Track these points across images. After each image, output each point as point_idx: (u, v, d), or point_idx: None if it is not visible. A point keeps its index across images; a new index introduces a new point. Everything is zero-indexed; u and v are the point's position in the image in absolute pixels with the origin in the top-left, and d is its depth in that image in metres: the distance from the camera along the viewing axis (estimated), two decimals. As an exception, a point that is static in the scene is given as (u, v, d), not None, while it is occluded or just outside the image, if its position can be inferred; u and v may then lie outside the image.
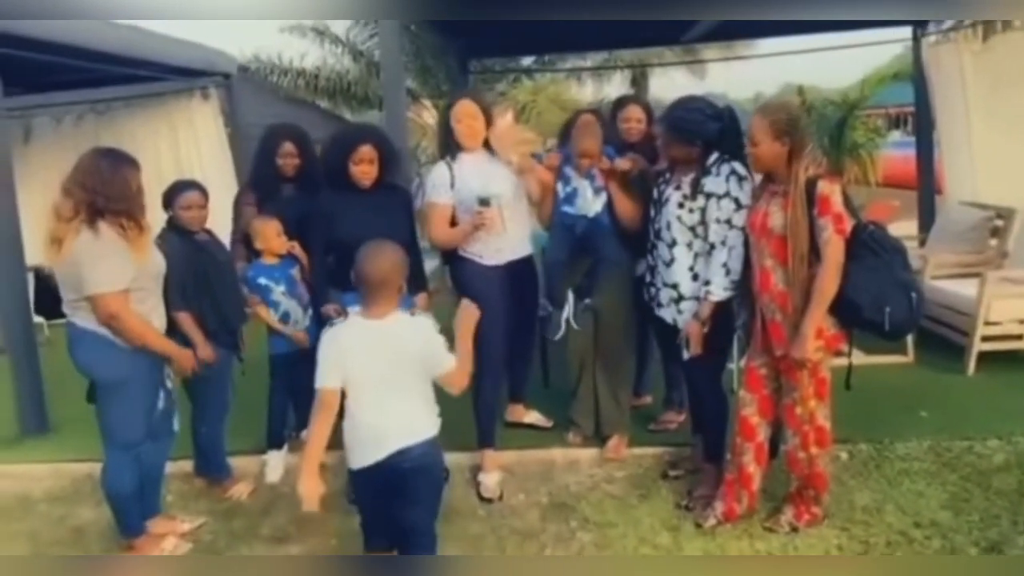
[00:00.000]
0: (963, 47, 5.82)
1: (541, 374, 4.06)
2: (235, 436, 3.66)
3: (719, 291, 2.94)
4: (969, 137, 5.72)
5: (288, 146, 3.61)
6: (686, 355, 3.02)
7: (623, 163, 3.32)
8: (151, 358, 2.90)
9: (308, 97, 12.67)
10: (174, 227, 3.25)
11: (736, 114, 3.03)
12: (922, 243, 5.61)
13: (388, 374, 2.24)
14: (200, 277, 3.20)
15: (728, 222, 2.91)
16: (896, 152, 10.68)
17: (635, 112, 3.78)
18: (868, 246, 2.60)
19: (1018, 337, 4.37)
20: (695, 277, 3.03)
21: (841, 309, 2.63)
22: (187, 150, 6.91)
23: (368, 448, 2.27)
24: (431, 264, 4.38)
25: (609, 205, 3.36)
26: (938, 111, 6.03)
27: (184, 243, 3.20)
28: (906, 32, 6.45)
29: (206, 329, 3.21)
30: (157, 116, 6.92)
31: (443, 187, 3.33)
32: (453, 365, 2.27)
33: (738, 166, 2.94)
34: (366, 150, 3.22)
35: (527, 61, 12.14)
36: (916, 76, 6.41)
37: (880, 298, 2.56)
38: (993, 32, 5.76)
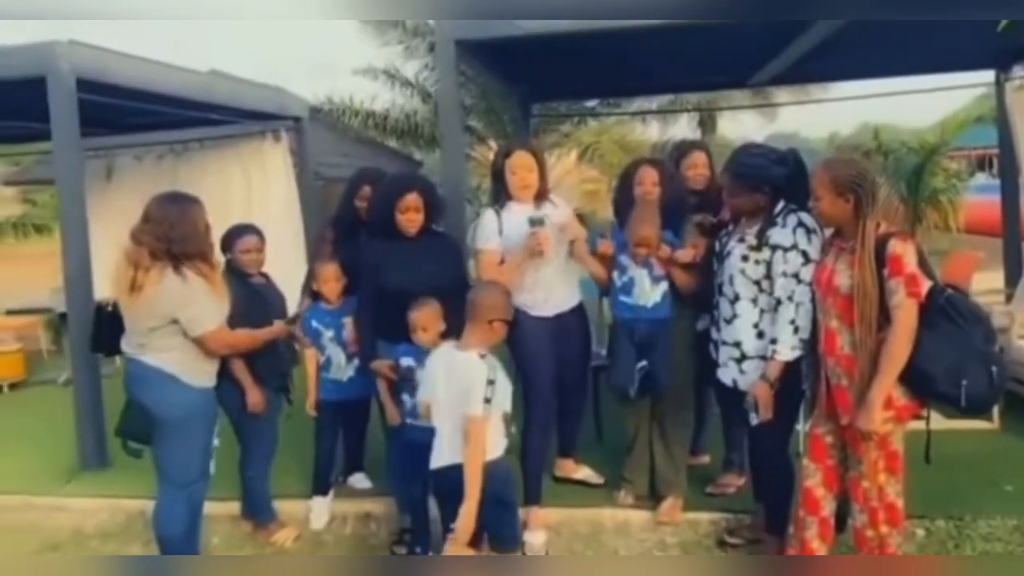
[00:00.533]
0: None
1: (594, 428, 3.93)
2: (283, 479, 3.66)
3: (786, 350, 2.77)
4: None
5: (367, 190, 3.60)
6: (754, 420, 2.83)
7: (684, 255, 3.17)
8: (210, 396, 2.97)
9: (378, 138, 13.01)
10: (232, 269, 3.29)
11: (801, 158, 2.90)
12: (1008, 298, 5.24)
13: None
14: (254, 320, 3.21)
15: (795, 276, 2.75)
16: (979, 197, 10.15)
17: (700, 158, 3.67)
18: (945, 313, 2.40)
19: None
20: (760, 335, 2.87)
21: (913, 379, 2.43)
22: (257, 190, 7.09)
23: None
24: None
25: (670, 292, 3.23)
26: (1022, 156, 5.73)
27: (240, 285, 3.23)
28: (988, 76, 6.16)
29: (255, 373, 3.22)
30: (230, 157, 7.14)
31: (492, 233, 3.32)
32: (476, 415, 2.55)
33: (806, 217, 2.80)
34: (412, 198, 3.20)
35: (592, 102, 12.15)
36: (1000, 119, 6.10)
37: (956, 370, 2.35)
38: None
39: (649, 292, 3.24)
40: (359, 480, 3.90)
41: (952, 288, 2.46)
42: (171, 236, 2.79)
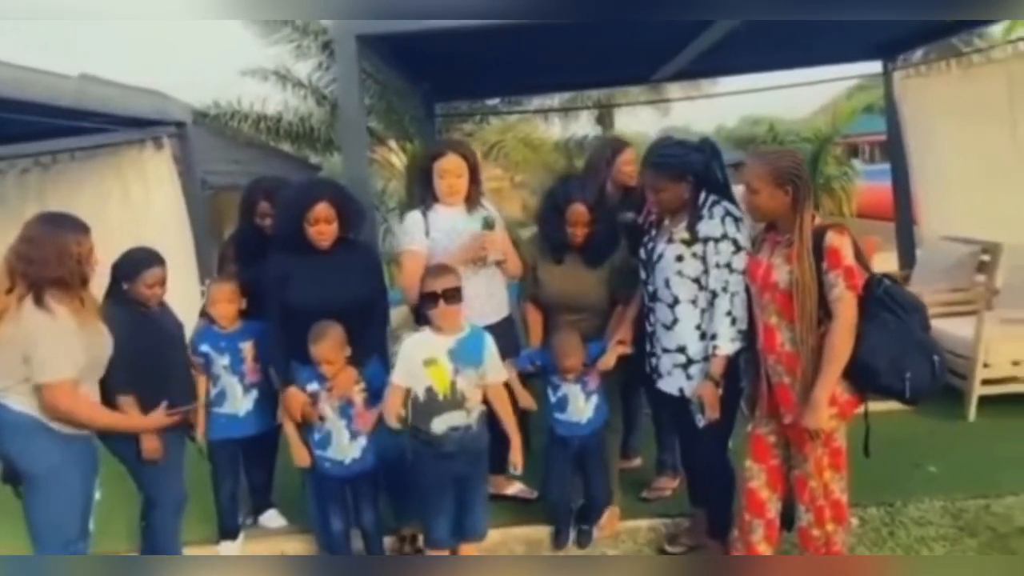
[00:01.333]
0: (934, 80, 5.83)
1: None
2: (186, 522, 3.28)
3: (726, 343, 2.68)
4: (944, 170, 5.69)
5: (264, 206, 3.32)
6: (701, 422, 2.72)
7: (607, 362, 3.08)
8: (87, 445, 2.59)
9: (271, 142, 12.40)
10: (125, 301, 2.85)
11: (717, 146, 2.87)
12: (906, 280, 5.46)
13: None
14: (150, 355, 2.84)
15: (728, 266, 2.68)
16: (869, 183, 10.66)
17: (632, 155, 3.61)
18: (883, 303, 2.37)
19: (1016, 379, 4.20)
20: (703, 336, 2.77)
21: (856, 374, 2.38)
22: (139, 204, 6.51)
23: None
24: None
25: (600, 405, 3.14)
26: (910, 144, 6.02)
27: (134, 317, 2.84)
28: (875, 67, 6.40)
29: (149, 412, 2.82)
30: (106, 168, 6.53)
31: (419, 234, 3.17)
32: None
33: (730, 206, 2.75)
34: (322, 208, 2.89)
35: (493, 102, 12.02)
36: (888, 109, 6.36)
37: (899, 362, 2.32)
38: (967, 65, 5.76)
39: (583, 408, 3.12)
40: (271, 518, 3.56)
41: (889, 279, 2.43)
42: (32, 257, 2.42)
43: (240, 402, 3.20)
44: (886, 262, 6.00)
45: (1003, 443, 3.79)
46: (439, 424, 2.72)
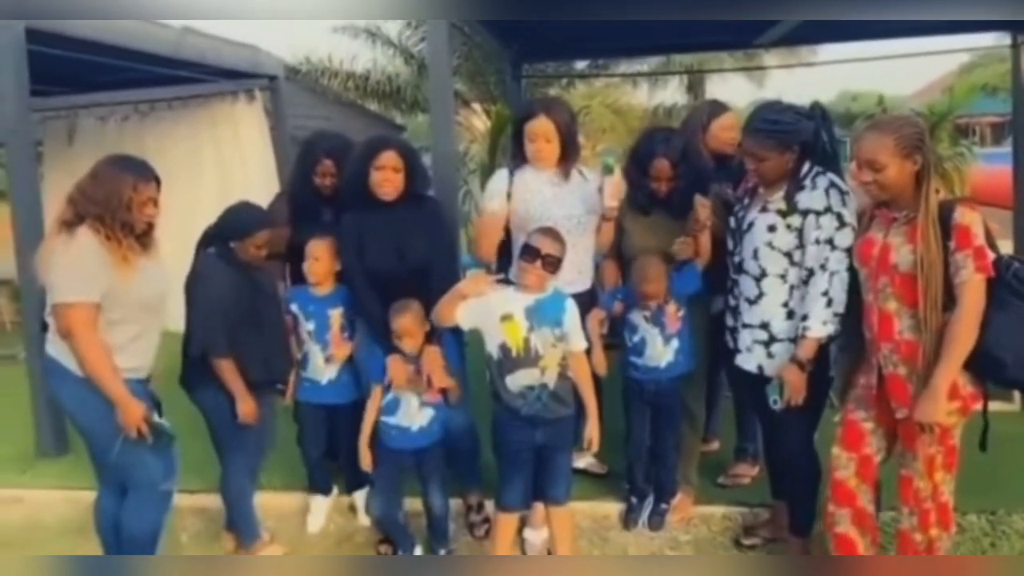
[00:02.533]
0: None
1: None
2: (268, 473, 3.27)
3: (818, 326, 2.48)
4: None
5: (327, 164, 3.13)
6: (778, 405, 2.55)
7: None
8: (137, 391, 2.48)
9: (358, 100, 12.52)
10: (231, 261, 2.77)
11: (828, 112, 2.64)
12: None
13: None
14: (251, 318, 2.76)
15: (830, 242, 2.47)
16: (987, 166, 9.88)
17: (732, 120, 3.34)
18: (1012, 288, 2.14)
19: None
20: (790, 315, 2.58)
21: (980, 365, 2.17)
22: (230, 153, 6.68)
23: None
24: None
25: (682, 351, 2.98)
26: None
27: (237, 275, 2.75)
28: (1002, 39, 5.84)
29: (248, 378, 2.77)
30: (200, 118, 6.72)
31: (498, 195, 2.99)
32: None
33: (836, 178, 2.53)
34: (389, 156, 2.83)
35: (581, 65, 11.74)
36: (1015, 86, 5.82)
37: None
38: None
39: (661, 351, 2.96)
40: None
41: (1020, 262, 2.19)
42: (86, 191, 2.41)
43: (323, 370, 3.05)
44: (1002, 251, 5.55)
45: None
46: (512, 382, 2.62)
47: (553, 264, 2.59)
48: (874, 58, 7.39)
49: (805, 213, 2.52)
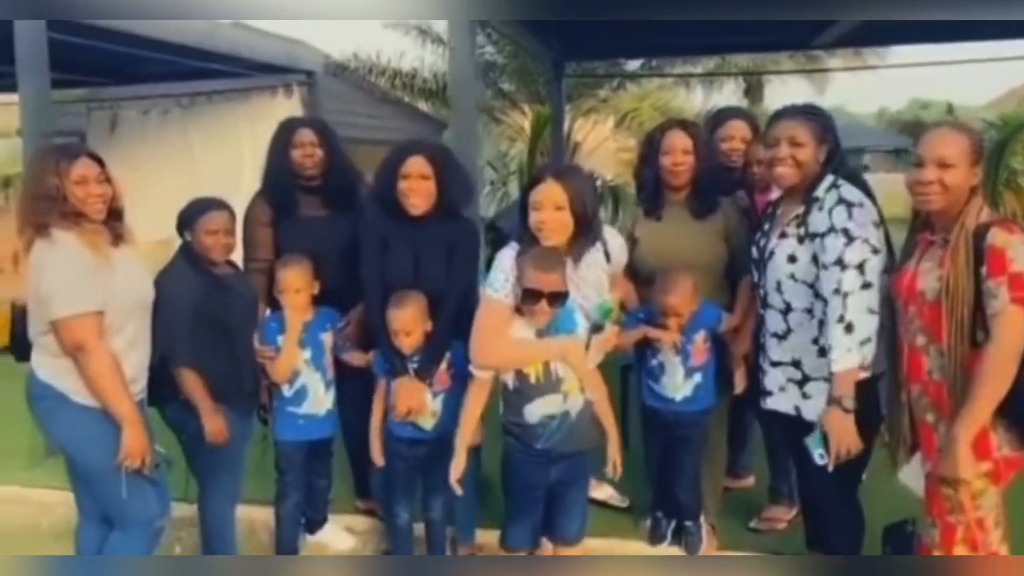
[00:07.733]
0: None
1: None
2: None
3: (843, 357, 2.16)
4: None
5: (305, 133, 2.87)
6: (825, 460, 2.23)
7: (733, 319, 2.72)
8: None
9: (405, 97, 12.43)
10: (190, 256, 2.60)
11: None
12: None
13: None
14: (217, 324, 2.54)
15: (839, 262, 2.19)
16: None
17: (739, 129, 3.05)
18: None
19: None
20: (822, 352, 2.31)
21: (1018, 414, 1.87)
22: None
23: None
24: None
25: (704, 387, 2.73)
26: None
27: (201, 278, 2.56)
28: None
29: (216, 392, 2.55)
30: (239, 112, 6.72)
31: (502, 281, 2.33)
32: None
33: (847, 190, 2.28)
34: (416, 162, 2.59)
35: (632, 65, 11.41)
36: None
37: None
38: None
39: (680, 384, 2.73)
40: (333, 535, 3.17)
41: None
42: (28, 195, 2.24)
43: (322, 400, 2.81)
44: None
45: None
46: (532, 412, 2.32)
47: (559, 298, 2.28)
48: (947, 62, 6.96)
49: (814, 237, 2.29)
